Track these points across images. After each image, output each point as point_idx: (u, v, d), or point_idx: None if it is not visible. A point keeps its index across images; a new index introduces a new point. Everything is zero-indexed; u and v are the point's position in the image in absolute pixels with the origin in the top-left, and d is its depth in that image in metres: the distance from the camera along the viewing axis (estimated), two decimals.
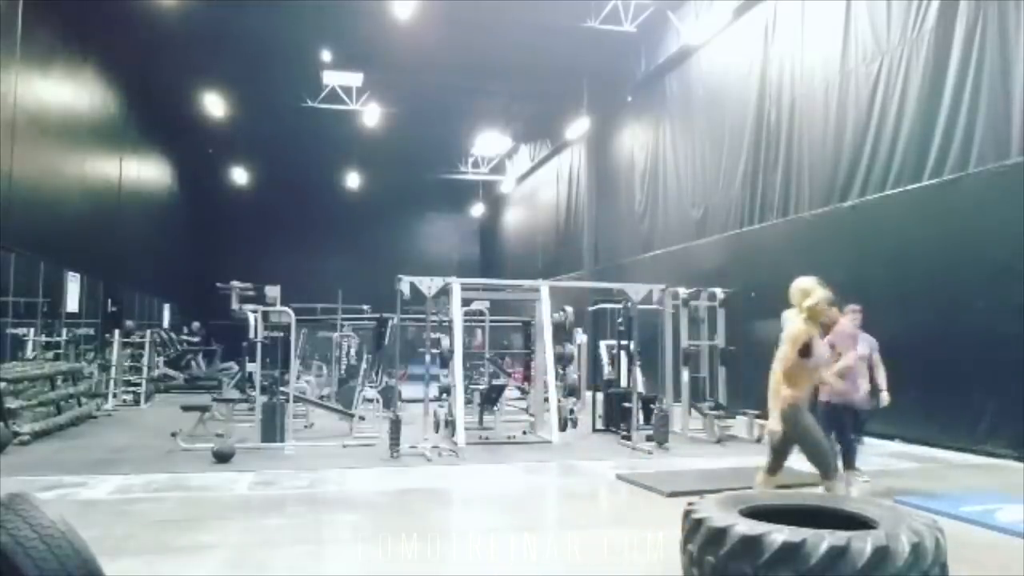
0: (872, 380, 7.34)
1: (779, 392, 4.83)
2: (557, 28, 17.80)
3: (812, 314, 4.85)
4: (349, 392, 13.02)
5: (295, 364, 11.90)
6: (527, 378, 13.65)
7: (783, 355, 4.87)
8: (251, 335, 10.50)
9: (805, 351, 4.80)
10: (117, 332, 14.54)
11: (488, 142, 29.46)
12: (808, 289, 4.91)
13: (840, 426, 7.02)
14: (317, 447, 9.58)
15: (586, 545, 5.30)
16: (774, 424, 4.91)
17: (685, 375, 11.19)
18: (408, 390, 13.70)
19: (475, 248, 38.07)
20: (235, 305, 10.30)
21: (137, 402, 14.44)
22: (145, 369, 15.18)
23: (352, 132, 25.63)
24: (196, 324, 22.52)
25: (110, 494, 6.82)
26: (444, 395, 12.27)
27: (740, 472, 8.01)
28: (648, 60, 18.68)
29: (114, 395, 14.13)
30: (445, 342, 11.18)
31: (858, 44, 11.87)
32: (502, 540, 5.38)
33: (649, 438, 9.96)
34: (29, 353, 12.60)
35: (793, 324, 4.89)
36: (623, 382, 12.29)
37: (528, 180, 30.34)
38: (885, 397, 7.33)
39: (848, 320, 7.41)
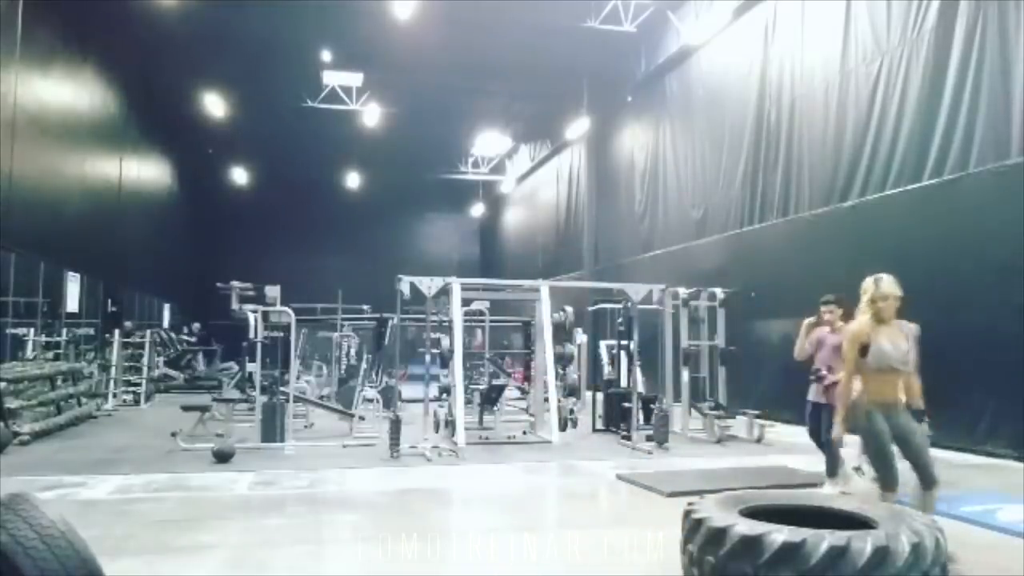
0: None
1: (845, 396, 4.79)
2: (557, 28, 17.80)
3: (873, 311, 4.74)
4: (349, 392, 13.02)
5: (295, 364, 11.90)
6: (527, 378, 13.64)
7: (843, 356, 4.85)
8: (251, 335, 10.50)
9: (863, 350, 4.73)
10: (117, 332, 14.54)
11: (488, 142, 29.46)
12: (865, 288, 4.83)
13: (815, 427, 7.08)
14: (317, 447, 9.58)
15: (586, 545, 5.29)
16: (836, 431, 4.89)
17: (685, 375, 11.19)
18: (408, 390, 13.70)
19: (475, 248, 38.07)
20: (235, 305, 10.29)
21: (137, 402, 14.44)
22: (145, 369, 15.18)
23: (352, 132, 25.63)
24: (196, 325, 22.53)
25: (110, 494, 6.82)
26: (444, 395, 12.27)
27: (740, 472, 8.03)
28: (648, 60, 18.68)
29: (114, 395, 14.13)
30: (445, 342, 11.18)
31: (858, 44, 11.87)
32: (502, 540, 5.38)
33: (649, 438, 9.95)
34: (29, 353, 12.60)
35: (853, 322, 4.84)
36: (623, 382, 12.29)
37: (528, 180, 30.34)
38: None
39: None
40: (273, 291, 10.21)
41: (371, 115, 23.90)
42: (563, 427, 10.83)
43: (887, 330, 4.72)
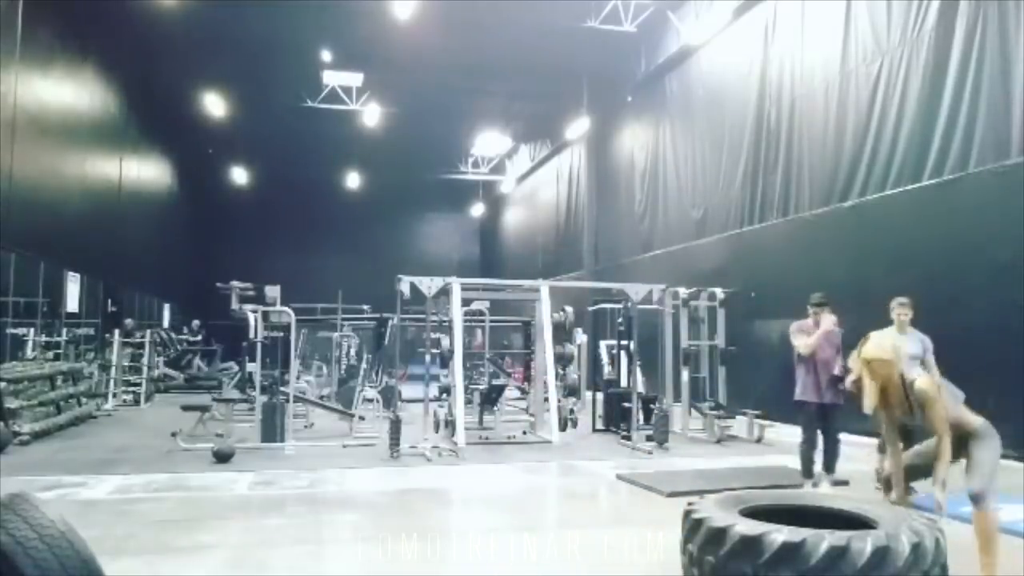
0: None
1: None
2: (557, 28, 17.79)
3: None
4: (349, 392, 13.03)
5: (295, 364, 11.90)
6: (527, 378, 13.64)
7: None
8: (251, 335, 10.50)
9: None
10: (117, 332, 14.54)
11: (488, 142, 29.47)
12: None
13: (817, 427, 7.10)
14: (317, 447, 9.58)
15: (586, 545, 5.30)
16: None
17: (685, 375, 11.19)
18: (408, 390, 13.69)
19: (475, 248, 38.08)
20: (235, 305, 10.29)
21: (137, 402, 14.44)
22: (145, 369, 15.18)
23: (352, 132, 25.64)
24: (196, 323, 22.50)
25: (110, 494, 6.82)
26: (444, 395, 12.27)
27: (740, 472, 8.03)
28: (648, 60, 18.68)
29: (114, 395, 14.12)
30: (445, 342, 11.18)
31: (858, 44, 11.87)
32: (502, 540, 5.38)
33: (649, 438, 9.96)
34: (29, 353, 12.59)
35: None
36: (623, 382, 12.29)
37: (528, 180, 30.34)
38: None
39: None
40: (273, 291, 10.21)
41: (371, 115, 23.90)
42: (563, 427, 10.84)
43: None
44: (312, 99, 22.99)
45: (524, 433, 11.07)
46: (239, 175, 32.61)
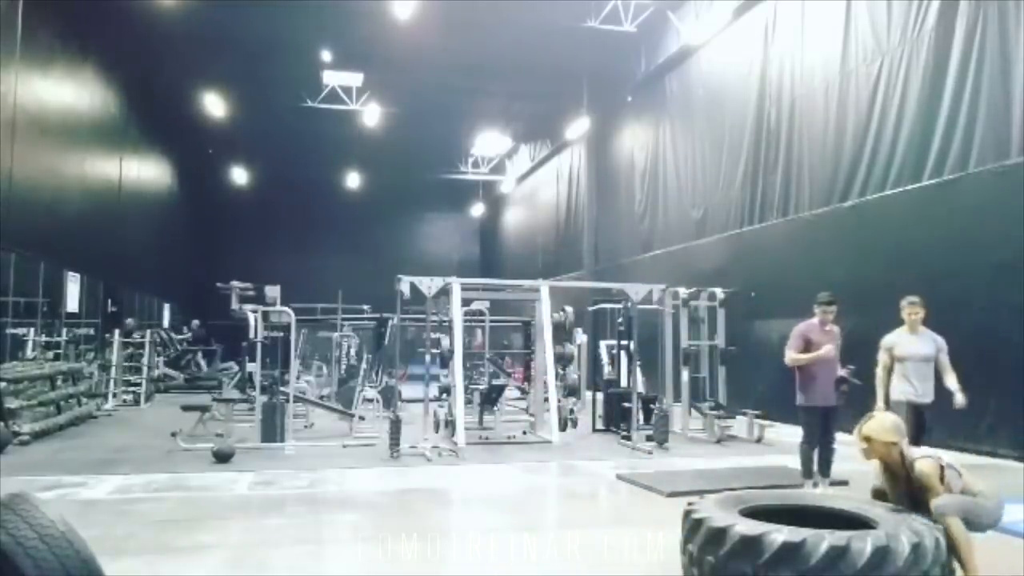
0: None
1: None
2: (557, 28, 17.80)
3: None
4: (349, 392, 13.03)
5: (295, 364, 11.90)
6: (527, 378, 13.64)
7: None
8: (251, 335, 10.50)
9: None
10: (117, 332, 14.54)
11: (488, 142, 29.47)
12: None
13: (805, 425, 7.06)
14: (317, 447, 9.58)
15: (586, 545, 5.30)
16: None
17: (685, 375, 11.19)
18: (408, 390, 13.70)
19: (475, 248, 38.07)
20: (235, 305, 10.29)
21: (137, 402, 14.43)
22: (145, 369, 15.18)
23: (352, 132, 25.65)
24: (196, 323, 22.48)
25: (110, 494, 6.82)
26: (444, 395, 12.27)
27: (740, 472, 8.03)
28: (648, 60, 18.68)
29: (114, 395, 14.13)
30: (445, 342, 11.17)
31: (858, 44, 11.88)
32: (502, 540, 5.38)
33: (649, 438, 9.96)
34: (29, 353, 12.59)
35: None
36: (623, 382, 12.29)
37: (528, 180, 30.35)
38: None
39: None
40: (273, 291, 10.21)
41: (371, 115, 23.91)
42: (563, 427, 10.84)
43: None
44: (312, 99, 22.99)
45: (524, 433, 11.06)
46: (239, 175, 32.61)
